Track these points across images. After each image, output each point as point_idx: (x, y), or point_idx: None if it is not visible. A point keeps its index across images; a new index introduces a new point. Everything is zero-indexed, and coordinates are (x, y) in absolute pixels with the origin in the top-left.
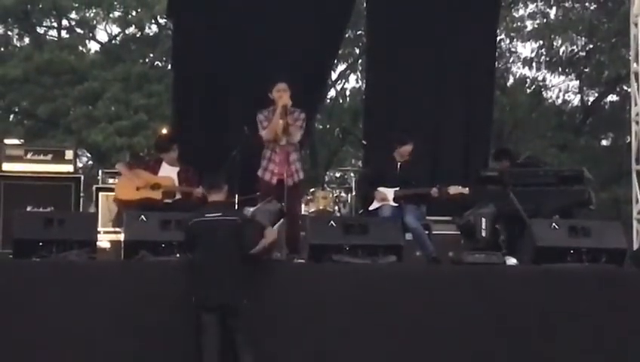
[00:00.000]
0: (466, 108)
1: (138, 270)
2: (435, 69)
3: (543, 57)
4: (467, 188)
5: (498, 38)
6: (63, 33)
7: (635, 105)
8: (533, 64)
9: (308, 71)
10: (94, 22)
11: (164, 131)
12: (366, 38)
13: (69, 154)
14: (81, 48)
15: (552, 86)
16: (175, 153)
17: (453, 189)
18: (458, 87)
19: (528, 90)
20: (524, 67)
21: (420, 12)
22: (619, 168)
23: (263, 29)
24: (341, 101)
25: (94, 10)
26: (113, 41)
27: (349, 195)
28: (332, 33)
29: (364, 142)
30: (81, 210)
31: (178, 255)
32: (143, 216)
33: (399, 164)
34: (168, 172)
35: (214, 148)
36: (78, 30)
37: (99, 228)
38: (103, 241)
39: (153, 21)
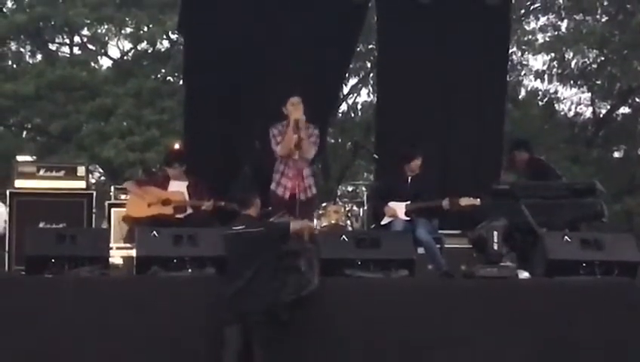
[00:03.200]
0: (477, 121)
1: (151, 286)
2: (447, 82)
3: (554, 70)
4: (478, 200)
5: (510, 51)
6: (75, 50)
7: None
8: (545, 77)
9: (320, 85)
10: (106, 38)
11: (175, 146)
12: (377, 51)
13: (81, 170)
14: (93, 64)
15: (564, 98)
16: (184, 168)
17: (465, 201)
18: (469, 100)
19: (540, 103)
20: (535, 80)
21: (431, 26)
22: (631, 180)
23: (274, 43)
24: (353, 115)
25: (106, 27)
26: (125, 57)
27: (361, 209)
28: (343, 47)
29: (376, 156)
30: (93, 226)
31: (190, 270)
32: (154, 232)
33: (410, 177)
34: (178, 187)
35: (226, 162)
36: (90, 46)
37: (111, 244)
38: (116, 257)
39: (165, 37)
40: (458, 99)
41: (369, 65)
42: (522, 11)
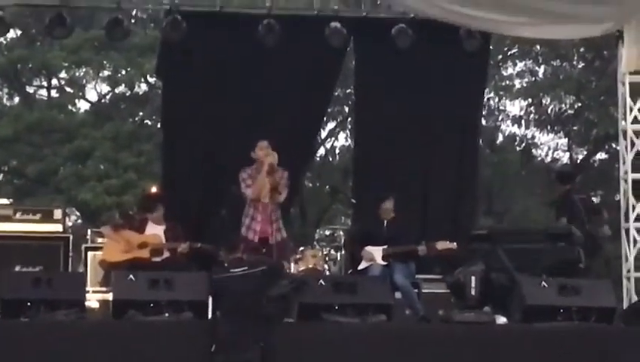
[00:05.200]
0: (454, 165)
1: (127, 330)
2: (424, 127)
3: (532, 115)
4: (455, 243)
5: (487, 97)
6: (53, 92)
7: (624, 163)
8: (522, 122)
9: (297, 129)
10: (84, 81)
11: (151, 190)
12: (355, 96)
13: (57, 213)
14: (70, 107)
15: (541, 144)
16: (160, 212)
17: (441, 245)
18: (446, 145)
19: (518, 148)
20: (513, 125)
21: (408, 71)
22: (609, 226)
23: (251, 87)
24: (331, 159)
25: (84, 70)
26: (103, 100)
27: (339, 254)
28: (321, 91)
29: (354, 201)
30: (70, 269)
31: (167, 314)
32: (131, 276)
33: (386, 221)
34: (155, 230)
35: (203, 205)
36: (68, 89)
37: (88, 288)
38: (92, 301)
39: (143, 80)
40: (435, 144)
41: (347, 109)
42: (500, 57)
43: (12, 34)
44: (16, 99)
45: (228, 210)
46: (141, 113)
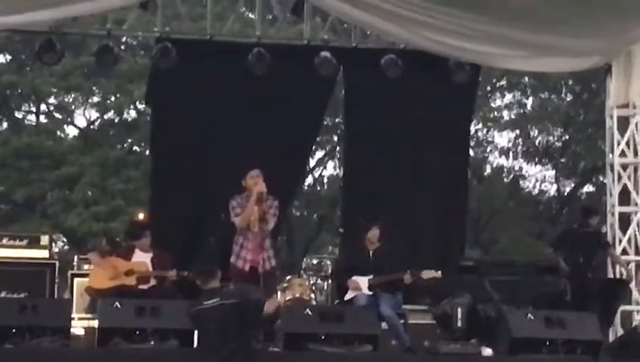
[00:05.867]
0: (442, 196)
1: (112, 358)
2: (413, 157)
3: (519, 147)
4: (440, 273)
5: (475, 128)
6: (42, 118)
7: (611, 196)
8: (510, 153)
9: (286, 157)
10: (73, 107)
11: (139, 217)
12: (344, 125)
13: (44, 239)
14: (59, 133)
15: (529, 175)
16: (148, 239)
17: (426, 274)
18: (435, 175)
19: (505, 180)
20: (500, 156)
21: (397, 101)
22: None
23: (241, 115)
24: (319, 188)
25: (73, 95)
26: (91, 126)
27: (326, 283)
28: (310, 120)
29: (341, 230)
30: (56, 295)
31: (152, 342)
32: (117, 303)
33: (371, 251)
34: (142, 258)
35: (191, 233)
36: (57, 115)
37: (73, 315)
38: (77, 328)
39: (132, 106)
40: (424, 174)
41: (336, 138)
42: (488, 88)
43: (2, 59)
44: (5, 125)
45: (217, 238)
46: (130, 140)
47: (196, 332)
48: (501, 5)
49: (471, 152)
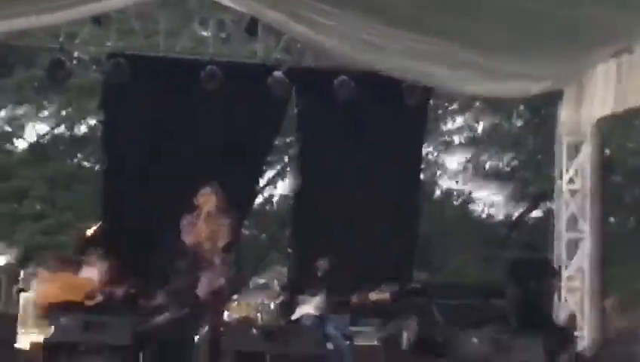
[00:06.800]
0: (393, 217)
1: None
2: (363, 178)
3: (469, 171)
4: (388, 294)
5: (426, 150)
6: None
7: (559, 221)
8: (460, 177)
9: (237, 175)
10: (23, 120)
11: (87, 232)
12: (296, 145)
13: None
14: (8, 146)
15: (478, 199)
16: (96, 254)
17: (374, 295)
18: (385, 197)
19: (455, 203)
20: (450, 180)
21: (349, 122)
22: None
23: (193, 132)
24: (268, 208)
25: (24, 109)
26: (41, 140)
27: (272, 303)
28: (262, 139)
29: (290, 250)
30: (1, 310)
31: (98, 358)
32: (64, 318)
33: (320, 272)
34: (89, 273)
35: (142, 247)
36: (7, 128)
37: (19, 329)
38: (23, 342)
39: (83, 121)
40: (374, 196)
41: (286, 158)
42: (440, 111)
43: None
44: None
45: (167, 255)
46: (79, 155)
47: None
48: (452, 28)
49: (421, 175)
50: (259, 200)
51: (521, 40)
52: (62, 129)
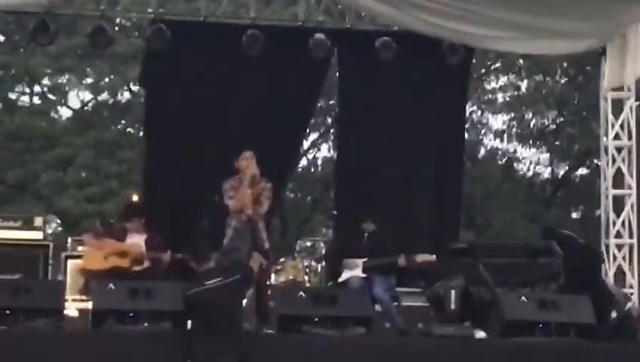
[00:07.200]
0: (436, 178)
1: (106, 339)
2: (406, 140)
3: (514, 130)
4: (434, 256)
5: (470, 110)
6: (35, 99)
7: (605, 179)
8: (505, 136)
9: (280, 139)
10: (66, 88)
11: (133, 198)
12: (338, 108)
13: (38, 221)
14: (52, 114)
15: (523, 158)
16: (141, 221)
17: (421, 257)
18: (428, 158)
19: (499, 162)
20: (495, 139)
21: (391, 83)
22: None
23: (234, 96)
24: (312, 170)
25: (67, 77)
26: (85, 108)
27: (319, 265)
28: (304, 102)
29: (335, 212)
30: (49, 277)
31: (146, 324)
32: (111, 285)
33: (366, 234)
34: (136, 239)
35: (185, 215)
36: (51, 96)
37: (67, 296)
38: (71, 310)
39: (126, 88)
40: (418, 157)
41: (330, 120)
42: (483, 71)
43: None
44: None
45: (210, 220)
46: (123, 121)
47: (190, 314)
48: None
49: (465, 135)
50: (302, 163)
51: None
52: (105, 96)
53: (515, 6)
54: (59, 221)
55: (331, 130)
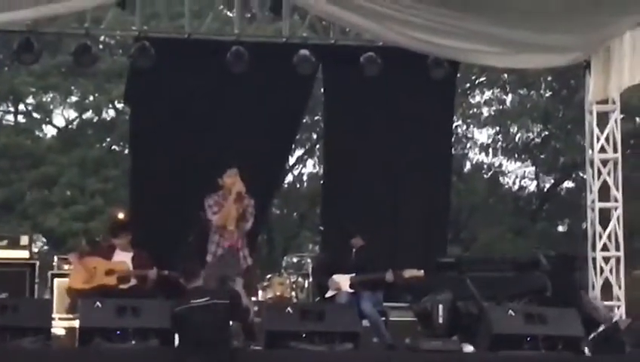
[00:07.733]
0: (423, 193)
1: (93, 357)
2: (392, 155)
3: (499, 143)
4: (422, 271)
5: (455, 124)
6: (20, 118)
7: (591, 192)
8: (490, 150)
9: (265, 155)
10: (51, 106)
11: (119, 216)
12: (323, 123)
13: (24, 239)
14: (37, 133)
15: (509, 172)
16: (128, 238)
17: (408, 273)
18: (415, 173)
19: (485, 176)
20: (480, 153)
21: (376, 99)
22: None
23: (219, 113)
24: (298, 186)
25: (51, 95)
26: (70, 126)
27: (306, 281)
28: (290, 118)
29: (322, 228)
30: (36, 296)
31: (134, 342)
32: (98, 303)
33: (354, 250)
34: (122, 257)
35: (170, 232)
36: (35, 115)
37: (54, 315)
38: (58, 328)
39: (110, 106)
40: (405, 171)
41: (315, 136)
42: (467, 85)
43: None
44: None
45: (195, 237)
46: (108, 139)
47: (178, 331)
48: (478, 2)
49: (451, 149)
50: (288, 178)
51: (547, 10)
52: (89, 114)
53: (499, 21)
54: (44, 240)
55: (317, 146)
